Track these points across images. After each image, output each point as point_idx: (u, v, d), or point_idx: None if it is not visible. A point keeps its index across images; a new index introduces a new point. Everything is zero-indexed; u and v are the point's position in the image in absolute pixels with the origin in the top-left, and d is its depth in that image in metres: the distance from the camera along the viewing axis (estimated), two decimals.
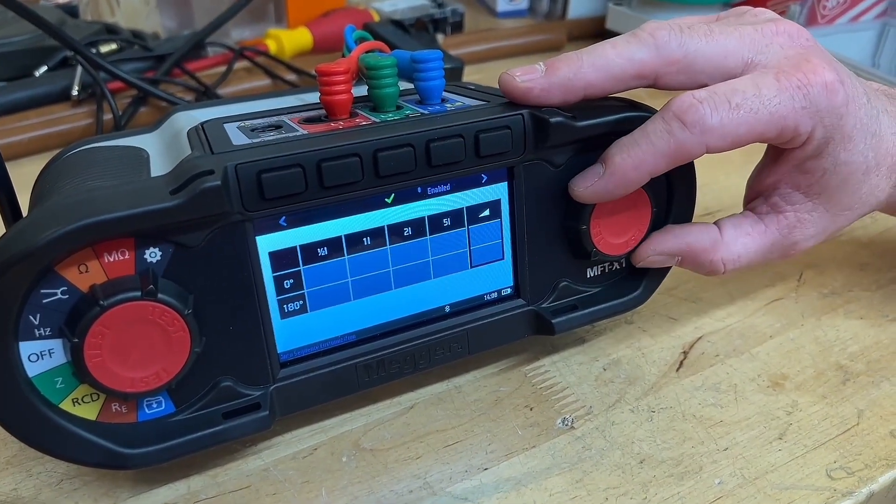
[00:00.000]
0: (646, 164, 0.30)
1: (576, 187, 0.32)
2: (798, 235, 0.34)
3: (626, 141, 0.31)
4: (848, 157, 0.32)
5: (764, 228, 0.35)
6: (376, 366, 0.31)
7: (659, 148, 0.30)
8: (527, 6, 0.94)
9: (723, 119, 0.29)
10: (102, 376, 0.25)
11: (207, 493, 0.30)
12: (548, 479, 0.30)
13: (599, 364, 0.36)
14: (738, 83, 0.30)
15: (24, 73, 0.63)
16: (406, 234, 0.31)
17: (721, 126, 0.29)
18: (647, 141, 0.30)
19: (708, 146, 0.30)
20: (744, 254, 0.34)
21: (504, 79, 0.31)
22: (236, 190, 0.26)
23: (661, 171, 0.31)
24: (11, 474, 0.30)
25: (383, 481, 0.30)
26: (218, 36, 0.69)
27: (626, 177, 0.31)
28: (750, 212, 0.36)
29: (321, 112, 0.32)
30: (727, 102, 0.29)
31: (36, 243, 0.23)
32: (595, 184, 0.31)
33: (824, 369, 0.36)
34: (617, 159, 0.31)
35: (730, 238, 0.34)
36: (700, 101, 0.29)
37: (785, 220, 0.34)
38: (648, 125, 0.30)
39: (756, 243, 0.34)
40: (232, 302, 0.28)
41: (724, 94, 0.30)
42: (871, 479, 0.30)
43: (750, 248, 0.34)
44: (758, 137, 0.30)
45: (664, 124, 0.30)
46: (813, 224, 0.34)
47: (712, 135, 0.29)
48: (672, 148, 0.30)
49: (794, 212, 0.34)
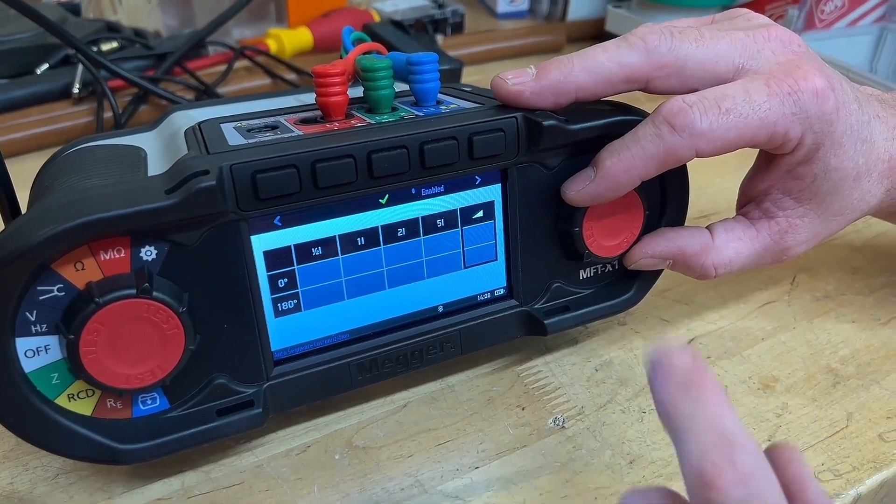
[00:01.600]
0: (636, 168, 0.31)
1: (567, 191, 0.32)
2: (790, 241, 0.35)
3: (617, 145, 0.31)
4: (838, 163, 0.32)
5: (756, 233, 0.35)
6: (369, 365, 0.32)
7: (649, 152, 0.30)
8: (527, 7, 0.95)
9: (712, 124, 0.29)
10: (98, 373, 0.26)
11: (201, 488, 0.30)
12: (538, 478, 0.31)
13: (591, 365, 0.37)
14: (728, 88, 0.30)
15: (26, 71, 0.64)
16: (400, 235, 0.31)
17: (710, 130, 0.29)
18: (638, 145, 0.30)
19: (697, 150, 0.30)
20: (735, 258, 0.35)
21: (496, 82, 0.32)
22: (231, 190, 0.26)
23: (651, 174, 0.31)
24: (8, 469, 0.31)
25: (375, 479, 0.31)
26: (219, 35, 0.69)
27: (616, 180, 0.31)
28: (742, 216, 0.36)
29: (317, 113, 0.32)
30: (717, 107, 0.30)
31: (33, 241, 0.23)
32: (587, 187, 0.32)
33: (815, 372, 0.36)
34: (607, 163, 0.31)
35: (721, 242, 0.35)
36: (690, 106, 0.30)
37: (777, 226, 0.35)
38: (639, 129, 0.31)
39: (748, 248, 0.35)
40: (226, 300, 0.28)
41: (713, 99, 0.30)
42: (859, 482, 0.30)
43: (741, 253, 0.35)
44: (748, 142, 0.31)
45: (654, 128, 0.30)
46: (804, 229, 0.34)
47: (702, 139, 0.30)
48: (661, 152, 0.30)
49: (786, 217, 0.34)
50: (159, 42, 0.70)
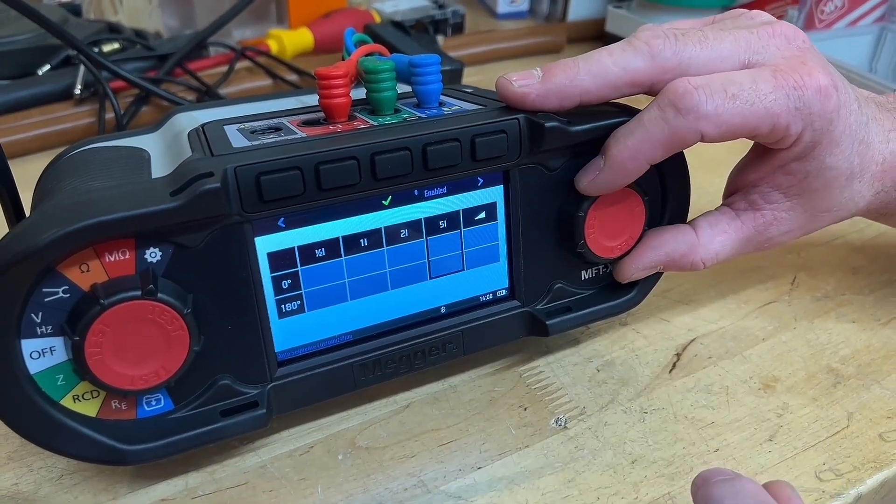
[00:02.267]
0: (642, 153, 0.31)
1: (580, 182, 0.32)
2: (773, 231, 0.35)
3: (623, 131, 0.31)
4: (833, 162, 0.33)
5: (740, 225, 0.35)
6: (372, 365, 0.32)
7: (654, 135, 0.30)
8: (527, 8, 0.95)
9: (718, 107, 0.29)
10: (103, 374, 0.26)
11: (205, 489, 0.30)
12: (540, 478, 0.31)
13: (593, 365, 0.37)
14: (735, 75, 0.30)
15: (28, 72, 0.64)
16: (403, 236, 0.31)
17: (716, 114, 0.29)
18: (643, 129, 0.30)
19: (703, 133, 0.30)
20: (721, 251, 0.35)
21: (501, 83, 0.32)
22: (235, 192, 0.27)
23: (658, 158, 0.31)
24: (12, 469, 0.31)
25: (378, 479, 0.31)
26: (219, 36, 0.70)
27: (624, 167, 0.31)
28: (727, 207, 0.36)
29: (320, 115, 0.32)
30: (723, 91, 0.30)
31: (38, 243, 0.24)
32: (597, 177, 0.32)
33: (815, 372, 0.36)
34: (614, 150, 0.31)
35: (707, 239, 0.35)
36: (696, 88, 0.29)
37: (762, 218, 0.35)
38: (644, 114, 0.31)
39: (732, 240, 0.35)
40: (230, 301, 0.28)
41: (720, 83, 0.30)
42: (860, 481, 0.31)
43: (727, 245, 0.35)
44: (750, 132, 0.31)
45: (659, 111, 0.30)
46: (789, 222, 0.35)
47: (707, 122, 0.29)
48: (667, 135, 0.30)
49: (772, 210, 0.35)
50: (160, 43, 0.70)
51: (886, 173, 0.35)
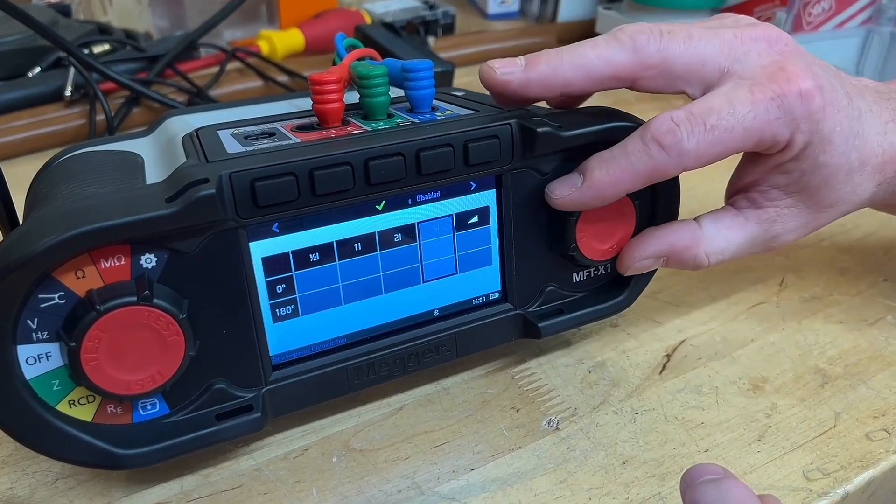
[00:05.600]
0: (623, 182, 0.31)
1: (553, 194, 0.33)
2: (779, 228, 0.35)
3: (606, 157, 0.32)
4: (827, 160, 0.33)
5: (744, 221, 0.35)
6: (366, 368, 0.32)
7: (637, 168, 0.31)
8: (517, 8, 0.95)
9: (699, 143, 0.30)
10: (98, 379, 0.26)
11: (200, 492, 0.30)
12: (533, 479, 0.31)
13: (585, 366, 0.37)
14: (713, 101, 0.31)
15: (18, 74, 0.64)
16: (396, 241, 0.31)
17: (697, 150, 0.30)
18: (627, 160, 0.31)
19: (685, 168, 0.31)
20: (727, 247, 0.35)
21: (484, 70, 0.32)
22: (230, 198, 0.27)
23: (637, 188, 0.32)
24: (7, 474, 0.31)
25: (373, 481, 0.31)
26: (210, 37, 0.70)
27: (602, 192, 0.32)
28: (730, 206, 0.36)
29: (313, 120, 0.33)
30: (703, 124, 0.30)
31: (34, 250, 0.24)
32: (572, 194, 0.32)
33: (803, 373, 0.37)
34: (596, 174, 0.31)
35: (711, 232, 0.35)
36: (678, 125, 0.30)
37: (765, 215, 0.35)
38: (628, 144, 0.31)
39: (737, 236, 0.35)
40: (225, 306, 0.28)
41: (700, 116, 0.30)
42: (847, 481, 0.31)
43: (732, 241, 0.35)
44: (735, 151, 0.31)
45: (643, 145, 0.31)
46: (793, 218, 0.35)
47: (688, 158, 0.30)
48: (650, 168, 0.31)
49: (774, 207, 0.35)
50: (151, 44, 0.70)
51: (887, 164, 0.35)
